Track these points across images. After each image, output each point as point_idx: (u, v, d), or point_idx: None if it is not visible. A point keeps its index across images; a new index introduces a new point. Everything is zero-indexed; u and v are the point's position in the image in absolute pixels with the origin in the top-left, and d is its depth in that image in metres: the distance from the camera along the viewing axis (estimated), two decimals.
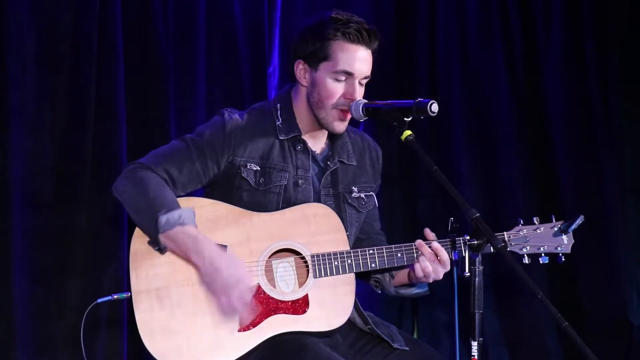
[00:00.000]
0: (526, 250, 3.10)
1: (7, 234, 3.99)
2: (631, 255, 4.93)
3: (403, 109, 2.82)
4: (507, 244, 3.09)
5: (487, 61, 4.95)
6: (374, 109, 2.96)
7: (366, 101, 3.01)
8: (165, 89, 4.29)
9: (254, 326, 2.91)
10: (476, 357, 2.61)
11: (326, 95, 3.05)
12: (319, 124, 3.11)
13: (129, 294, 2.91)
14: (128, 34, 4.21)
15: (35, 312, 4.03)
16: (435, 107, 2.78)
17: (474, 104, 4.94)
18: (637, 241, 4.96)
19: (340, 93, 3.05)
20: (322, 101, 3.05)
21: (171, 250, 2.91)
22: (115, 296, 3.02)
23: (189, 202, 2.99)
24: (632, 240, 4.94)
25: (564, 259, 3.11)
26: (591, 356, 2.51)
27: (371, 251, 3.03)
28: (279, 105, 3.14)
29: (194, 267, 2.91)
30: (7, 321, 3.98)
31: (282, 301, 2.94)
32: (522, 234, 3.11)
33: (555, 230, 3.12)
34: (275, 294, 2.95)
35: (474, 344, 2.61)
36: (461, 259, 2.92)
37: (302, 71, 3.10)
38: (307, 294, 2.96)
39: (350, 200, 3.18)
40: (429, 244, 3.02)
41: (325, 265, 2.98)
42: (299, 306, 2.96)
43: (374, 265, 3.02)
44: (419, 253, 3.02)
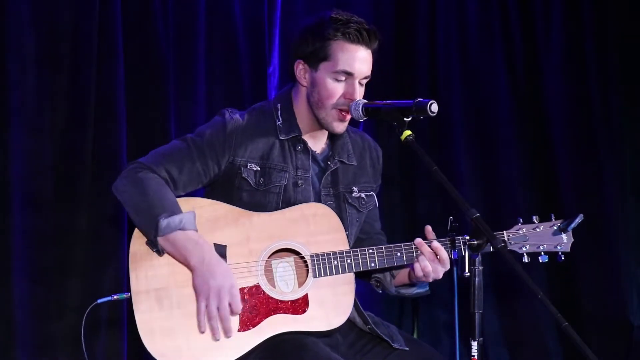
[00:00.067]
0: (526, 249, 3.09)
1: (7, 234, 3.99)
2: (631, 255, 4.93)
3: (403, 109, 2.82)
4: (506, 243, 3.08)
5: (487, 61, 4.95)
6: (374, 109, 2.96)
7: (366, 101, 3.00)
8: (165, 89, 4.29)
9: (253, 326, 2.91)
10: (476, 357, 2.61)
11: (326, 95, 3.04)
12: (319, 124, 3.10)
13: (128, 294, 2.91)
14: (128, 34, 4.21)
15: (35, 312, 4.03)
16: (435, 107, 2.78)
17: (474, 104, 4.94)
18: (637, 241, 4.96)
19: (340, 93, 3.04)
20: (322, 101, 3.05)
21: (169, 253, 2.91)
22: (115, 297, 3.02)
23: (188, 202, 2.98)
24: (632, 240, 4.94)
25: (563, 258, 3.10)
26: (591, 356, 2.51)
27: (370, 251, 3.02)
28: (279, 105, 3.14)
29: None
30: (7, 321, 3.98)
31: (282, 301, 2.94)
32: (522, 233, 3.10)
33: (554, 229, 3.11)
34: (275, 293, 2.94)
35: (474, 344, 2.61)
36: (461, 259, 2.91)
37: (302, 71, 3.09)
38: (306, 294, 2.96)
39: (351, 200, 3.18)
40: (429, 243, 3.02)
41: (324, 264, 2.98)
42: (299, 306, 2.95)
43: (373, 264, 3.02)
44: (418, 252, 3.02)
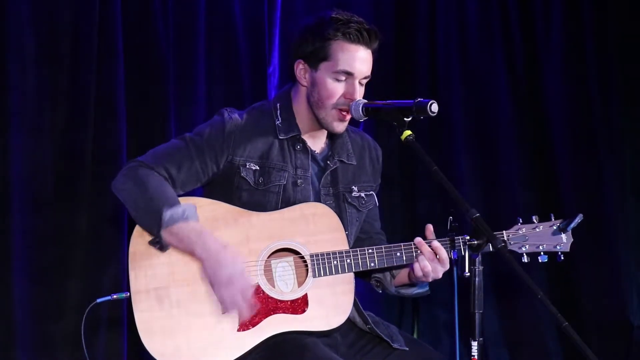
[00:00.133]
0: (525, 249, 3.09)
1: (7, 234, 4.00)
2: (631, 256, 4.93)
3: (403, 109, 2.82)
4: (506, 244, 3.08)
5: (487, 61, 4.95)
6: (374, 109, 2.96)
7: (366, 101, 3.00)
8: (165, 89, 4.29)
9: (253, 326, 2.91)
10: (476, 357, 2.61)
11: (326, 95, 3.04)
12: (318, 124, 3.10)
13: (128, 294, 2.91)
14: (128, 34, 4.21)
15: (35, 312, 4.03)
16: (435, 107, 2.78)
17: (474, 104, 4.94)
18: (637, 241, 4.95)
19: (340, 93, 3.04)
20: (322, 101, 3.05)
21: (173, 246, 2.90)
22: (115, 296, 3.02)
23: (187, 201, 2.97)
24: (632, 241, 4.94)
25: (563, 258, 3.10)
26: (591, 356, 2.51)
27: (370, 250, 3.02)
28: (278, 104, 3.14)
29: (195, 265, 2.90)
30: (7, 321, 3.98)
31: (282, 301, 2.94)
32: (521, 233, 3.10)
33: (554, 229, 3.10)
34: (275, 293, 2.94)
35: (474, 344, 2.61)
36: (461, 259, 2.91)
37: (302, 71, 3.09)
38: (306, 294, 2.95)
39: (350, 200, 3.18)
40: (429, 243, 3.02)
41: (324, 264, 2.98)
42: (298, 306, 2.95)
43: (373, 264, 3.02)
44: (418, 252, 3.02)
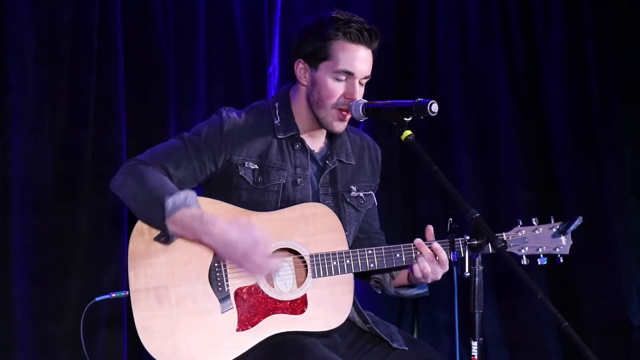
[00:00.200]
0: (525, 252, 3.09)
1: (7, 234, 4.00)
2: (631, 256, 4.93)
3: (403, 109, 2.82)
4: (506, 244, 3.08)
5: (487, 61, 4.95)
6: (374, 109, 2.96)
7: (366, 101, 3.00)
8: (165, 89, 4.29)
9: (252, 326, 2.91)
10: (476, 357, 2.61)
11: (326, 95, 3.04)
12: (318, 124, 3.10)
13: (127, 292, 2.90)
14: (128, 34, 4.21)
15: (35, 312, 4.03)
16: (435, 107, 2.78)
17: (474, 104, 4.94)
18: (637, 241, 4.95)
19: (341, 93, 3.04)
20: (322, 101, 3.05)
21: (180, 236, 2.88)
22: (114, 294, 3.01)
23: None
24: (632, 241, 4.94)
25: (562, 260, 3.10)
26: (591, 356, 2.51)
27: (370, 251, 3.02)
28: (277, 104, 3.14)
29: (195, 264, 2.90)
30: (7, 321, 3.98)
31: (281, 301, 2.94)
32: (521, 235, 3.10)
33: (554, 231, 3.10)
34: (274, 293, 2.94)
35: (474, 344, 2.61)
36: (460, 259, 2.91)
37: (302, 70, 3.09)
38: (305, 294, 2.95)
39: (349, 199, 3.18)
40: (429, 244, 3.02)
41: (324, 265, 2.97)
42: (298, 306, 2.95)
43: (372, 265, 3.01)
44: (417, 253, 3.02)
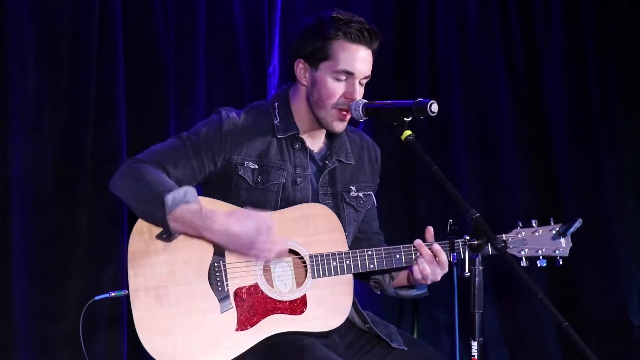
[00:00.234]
0: (524, 253, 3.08)
1: (7, 234, 4.00)
2: (631, 256, 4.93)
3: (403, 109, 2.82)
4: (506, 244, 3.08)
5: (487, 61, 4.95)
6: (374, 109, 2.96)
7: (366, 101, 3.00)
8: (165, 89, 4.29)
9: (251, 326, 2.90)
10: (476, 357, 2.61)
11: (326, 95, 3.04)
12: (318, 123, 3.10)
13: (126, 291, 2.90)
14: (128, 34, 4.21)
15: (35, 312, 4.03)
16: (435, 107, 2.78)
17: (474, 104, 4.94)
18: (637, 241, 4.96)
19: (341, 93, 3.04)
20: (322, 101, 3.05)
21: (182, 233, 2.88)
22: (113, 294, 3.00)
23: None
24: (632, 241, 4.94)
25: (561, 262, 3.10)
26: (591, 356, 2.51)
27: (370, 252, 3.02)
28: (276, 104, 3.14)
29: (194, 263, 2.90)
30: (7, 321, 3.98)
31: (280, 301, 2.93)
32: (521, 237, 3.09)
33: (553, 233, 3.10)
34: (274, 293, 2.94)
35: (474, 344, 2.61)
36: (460, 260, 2.91)
37: (302, 70, 3.09)
38: (305, 294, 2.95)
39: (349, 200, 3.18)
40: (429, 246, 3.02)
41: (323, 265, 2.97)
42: (297, 306, 2.95)
43: (372, 266, 3.01)
44: (417, 254, 3.02)
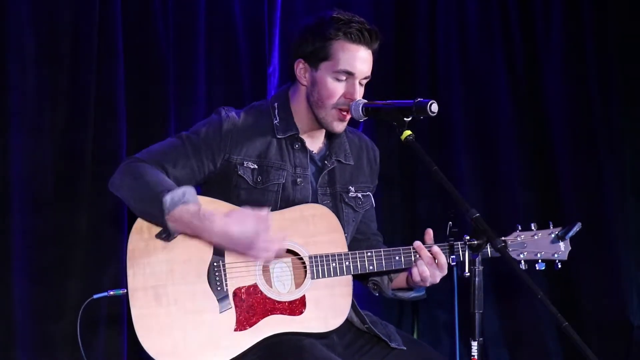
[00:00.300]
0: (523, 256, 3.08)
1: (7, 234, 4.00)
2: (631, 256, 4.93)
3: (403, 109, 2.82)
4: (506, 244, 3.08)
5: (487, 61, 4.95)
6: (374, 109, 2.96)
7: (366, 101, 3.00)
8: (165, 89, 4.29)
9: (250, 326, 2.90)
10: (476, 357, 2.60)
11: (326, 95, 3.04)
12: (318, 124, 3.10)
13: (125, 290, 2.90)
14: (128, 34, 4.21)
15: (35, 312, 4.03)
16: (435, 107, 2.78)
17: (474, 104, 4.94)
18: (637, 242, 4.95)
19: (341, 93, 3.04)
20: (322, 101, 3.05)
21: (181, 232, 2.87)
22: (111, 292, 3.01)
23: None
24: (632, 241, 4.94)
25: (560, 266, 3.11)
26: (591, 356, 2.51)
27: (369, 253, 3.02)
28: (276, 104, 3.14)
29: (194, 263, 2.90)
30: (7, 321, 3.98)
31: (279, 302, 2.93)
32: (520, 240, 3.10)
33: (552, 236, 3.10)
34: (273, 294, 2.94)
35: (474, 344, 2.60)
36: (461, 260, 2.91)
37: (302, 70, 3.09)
38: (304, 295, 2.95)
39: (348, 200, 3.18)
40: (428, 248, 3.01)
41: (323, 266, 2.97)
42: (296, 307, 2.95)
43: (371, 267, 3.01)
44: (417, 256, 3.02)
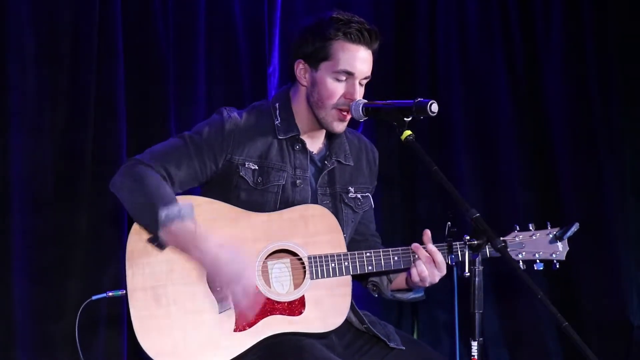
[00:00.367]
0: (522, 257, 3.09)
1: (7, 234, 4.00)
2: (631, 256, 4.93)
3: (403, 109, 2.82)
4: (506, 243, 3.08)
5: (487, 61, 4.95)
6: (374, 109, 2.96)
7: (366, 101, 3.00)
8: (165, 89, 4.29)
9: (250, 326, 2.90)
10: (476, 357, 2.61)
11: (326, 95, 3.04)
12: (318, 124, 3.10)
13: (124, 291, 2.90)
14: (128, 34, 4.21)
15: (35, 312, 4.03)
16: (435, 107, 2.78)
17: (474, 104, 4.94)
18: (637, 242, 4.95)
19: (341, 93, 3.04)
20: (322, 101, 3.05)
21: (171, 245, 2.89)
22: (110, 293, 3.01)
23: (185, 200, 2.96)
24: (632, 241, 4.94)
25: (558, 266, 3.11)
26: (591, 356, 2.51)
27: (368, 254, 3.02)
28: (277, 104, 3.14)
29: (192, 265, 2.90)
30: (7, 321, 3.98)
31: (279, 302, 2.94)
32: (518, 240, 3.10)
33: (550, 237, 3.10)
34: (272, 294, 2.94)
35: (474, 344, 2.61)
36: (460, 260, 2.92)
37: (302, 71, 3.09)
38: (303, 295, 2.95)
39: (347, 200, 3.18)
40: (425, 247, 3.01)
41: (322, 266, 2.97)
42: (295, 307, 2.95)
43: (370, 267, 3.02)
44: (415, 257, 3.02)
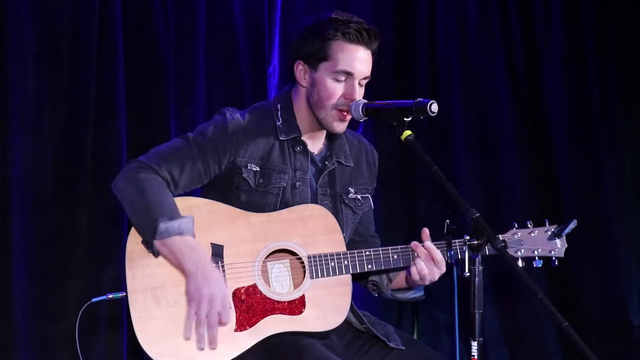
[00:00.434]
0: (520, 254, 3.09)
1: (7, 234, 4.00)
2: (631, 255, 4.93)
3: (403, 109, 2.82)
4: (506, 243, 3.08)
5: (487, 61, 4.95)
6: (374, 109, 2.96)
7: (366, 101, 3.00)
8: (165, 89, 4.29)
9: (250, 326, 2.91)
10: (476, 357, 2.61)
11: (326, 96, 3.04)
12: (318, 125, 3.10)
13: (124, 293, 2.90)
14: (128, 34, 4.21)
15: (35, 312, 4.03)
16: (435, 107, 2.78)
17: (474, 104, 4.94)
18: (637, 241, 4.95)
19: (340, 93, 3.04)
20: (322, 101, 3.05)
21: (163, 256, 2.89)
22: (110, 295, 3.01)
23: (185, 201, 2.97)
24: (632, 241, 4.94)
25: (557, 263, 3.11)
26: (591, 356, 2.51)
27: (367, 253, 3.02)
28: (279, 105, 3.14)
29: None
30: (7, 321, 3.98)
31: (279, 301, 2.94)
32: (517, 237, 3.11)
33: (549, 234, 3.11)
34: (272, 294, 2.94)
35: (474, 344, 2.61)
36: (460, 260, 2.91)
37: (301, 71, 3.09)
38: (303, 295, 2.95)
39: (347, 201, 3.18)
40: (423, 245, 3.02)
41: (321, 266, 2.97)
42: (295, 307, 2.95)
43: (370, 266, 3.02)
44: (414, 255, 3.02)
